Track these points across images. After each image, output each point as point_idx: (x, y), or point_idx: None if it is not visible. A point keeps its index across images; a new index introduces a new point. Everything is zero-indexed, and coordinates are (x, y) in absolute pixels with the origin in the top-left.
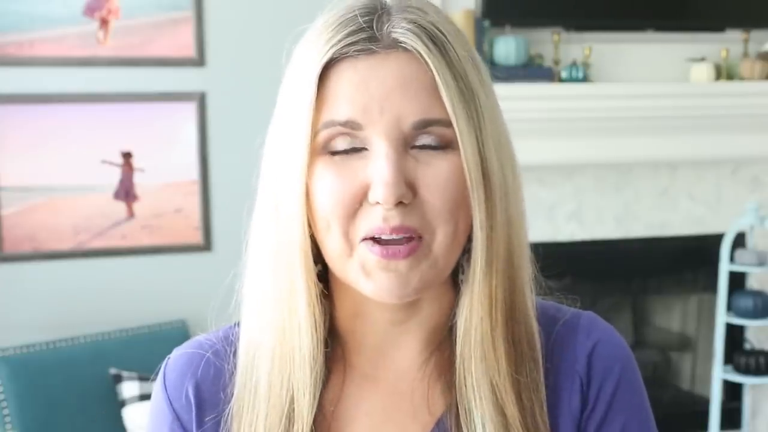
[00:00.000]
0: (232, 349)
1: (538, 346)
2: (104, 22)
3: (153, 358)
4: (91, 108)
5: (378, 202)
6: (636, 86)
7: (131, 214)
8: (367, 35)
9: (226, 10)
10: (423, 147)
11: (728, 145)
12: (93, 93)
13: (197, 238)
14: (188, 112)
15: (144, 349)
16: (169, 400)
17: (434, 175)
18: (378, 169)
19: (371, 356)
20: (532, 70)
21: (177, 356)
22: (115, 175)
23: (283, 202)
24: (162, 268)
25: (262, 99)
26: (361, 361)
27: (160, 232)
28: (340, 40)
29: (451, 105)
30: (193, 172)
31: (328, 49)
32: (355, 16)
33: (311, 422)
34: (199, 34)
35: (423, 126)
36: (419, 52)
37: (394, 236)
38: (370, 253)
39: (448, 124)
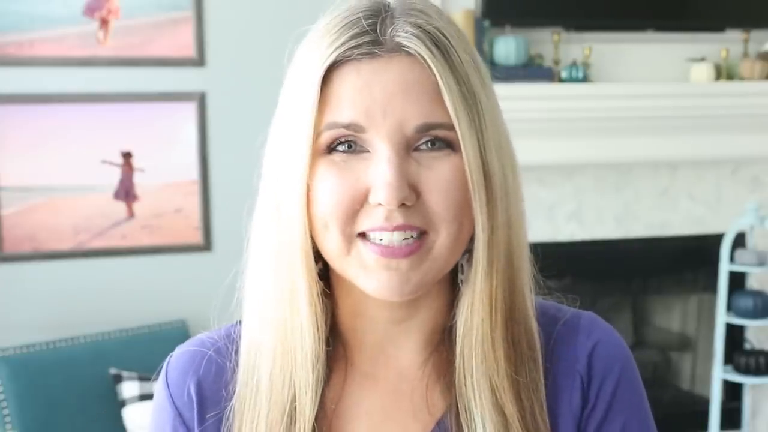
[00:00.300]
0: (234, 347)
1: (538, 346)
2: (104, 22)
3: (153, 358)
4: (91, 108)
5: (380, 204)
6: (636, 86)
7: (131, 214)
8: (371, 39)
9: (226, 10)
10: (425, 150)
11: (728, 145)
12: (93, 93)
13: (197, 238)
14: (188, 112)
15: (144, 349)
16: (171, 397)
17: (436, 177)
18: (380, 172)
19: (372, 355)
20: (532, 70)
21: (179, 354)
22: (115, 175)
23: (284, 202)
24: (162, 268)
25: (262, 99)
26: (362, 360)
27: (160, 232)
28: (343, 43)
29: (453, 109)
30: (193, 172)
31: (332, 52)
32: (359, 18)
33: (313, 420)
34: (199, 34)
35: (425, 130)
36: (422, 57)
37: (395, 236)
38: (369, 252)
39: (450, 127)
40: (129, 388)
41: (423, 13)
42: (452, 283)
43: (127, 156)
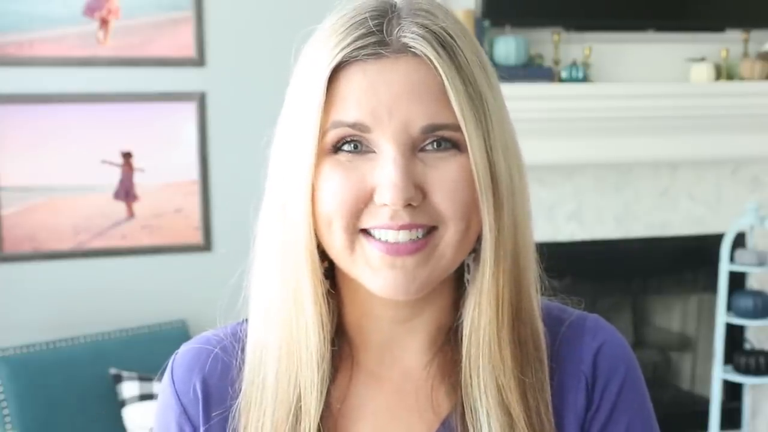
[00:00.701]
0: (240, 345)
1: (544, 346)
2: (104, 22)
3: (153, 358)
4: (91, 108)
5: (385, 204)
6: (636, 86)
7: (131, 214)
8: (377, 39)
9: (226, 10)
10: (431, 150)
11: (728, 145)
12: (93, 93)
13: (197, 238)
14: (188, 112)
15: (144, 349)
16: (177, 394)
17: (442, 177)
18: (386, 172)
19: (377, 354)
20: (532, 70)
21: (185, 351)
22: (115, 175)
23: (289, 201)
24: (162, 268)
25: (262, 99)
26: (368, 359)
27: (160, 232)
28: (349, 44)
29: (459, 110)
30: (193, 172)
31: (338, 53)
32: (365, 19)
33: (318, 419)
34: (199, 34)
35: (431, 130)
36: (429, 58)
37: (400, 235)
38: (374, 250)
39: (456, 128)
40: (129, 388)
41: (429, 13)
42: (457, 282)
43: (127, 156)
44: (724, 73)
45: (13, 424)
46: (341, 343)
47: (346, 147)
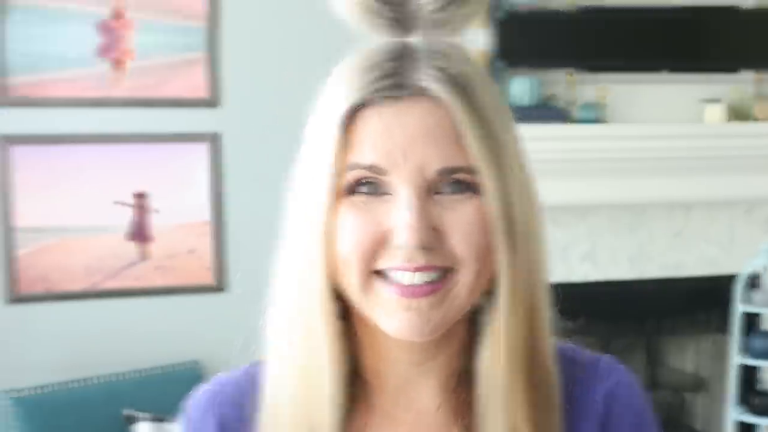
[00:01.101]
0: (255, 388)
1: (558, 389)
2: (118, 63)
3: (166, 398)
4: (104, 149)
5: (401, 246)
6: (650, 127)
7: (144, 255)
8: (393, 82)
9: (240, 51)
10: (447, 193)
11: (742, 185)
12: (106, 134)
13: (210, 278)
14: (202, 152)
15: (157, 390)
16: None
17: (458, 220)
18: (402, 215)
19: (393, 397)
20: (545, 111)
21: (200, 394)
22: (128, 216)
23: (305, 242)
24: (175, 309)
25: (276, 139)
26: (384, 402)
27: (173, 273)
28: (365, 86)
29: (475, 153)
30: (207, 213)
31: (354, 95)
32: (382, 61)
33: None
34: (213, 74)
35: (447, 173)
36: (445, 101)
37: (416, 277)
38: (389, 292)
39: (472, 171)
40: (142, 429)
41: (446, 55)
42: (470, 323)
43: (140, 197)
44: (738, 113)
45: None
46: (357, 385)
47: (362, 189)
